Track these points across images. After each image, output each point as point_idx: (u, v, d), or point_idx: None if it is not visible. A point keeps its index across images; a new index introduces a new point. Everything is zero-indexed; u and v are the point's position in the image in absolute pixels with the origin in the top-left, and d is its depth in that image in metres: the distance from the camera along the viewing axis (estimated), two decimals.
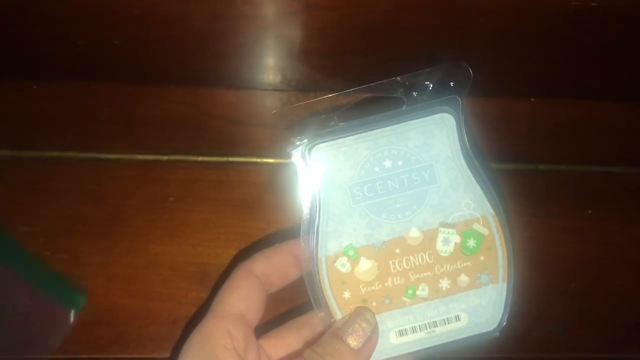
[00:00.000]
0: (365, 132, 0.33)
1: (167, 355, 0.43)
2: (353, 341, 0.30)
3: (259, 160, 0.48)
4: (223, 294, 0.34)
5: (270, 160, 0.48)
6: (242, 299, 0.33)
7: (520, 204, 0.50)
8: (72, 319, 0.43)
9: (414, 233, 0.32)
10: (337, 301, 0.32)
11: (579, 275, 0.48)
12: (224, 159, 0.48)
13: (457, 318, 0.32)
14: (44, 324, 0.42)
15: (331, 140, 0.33)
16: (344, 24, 0.42)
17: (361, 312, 0.32)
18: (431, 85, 0.33)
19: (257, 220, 0.47)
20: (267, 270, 0.34)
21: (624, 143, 0.52)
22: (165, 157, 0.48)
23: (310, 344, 0.34)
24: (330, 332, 0.31)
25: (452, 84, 0.32)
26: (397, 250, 0.32)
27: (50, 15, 0.41)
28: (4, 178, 0.47)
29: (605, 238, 0.49)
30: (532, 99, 0.53)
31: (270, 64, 0.49)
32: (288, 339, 0.35)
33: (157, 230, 0.46)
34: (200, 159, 0.48)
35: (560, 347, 0.47)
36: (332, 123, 0.33)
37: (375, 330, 0.31)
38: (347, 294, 0.32)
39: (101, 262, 0.45)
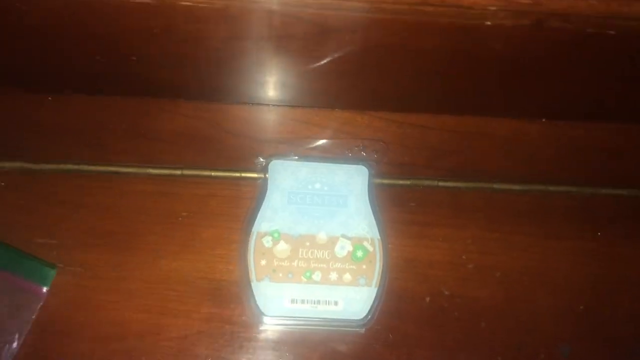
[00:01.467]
0: (310, 161, 0.48)
1: None
2: None
3: None
4: None
5: None
6: None
7: (530, 225, 0.50)
8: (44, 293, 0.44)
9: (322, 236, 0.45)
10: (255, 264, 0.44)
11: (587, 296, 0.48)
12: (238, 174, 0.49)
13: (336, 303, 0.44)
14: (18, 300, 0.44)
15: (284, 159, 0.48)
16: (360, 45, 0.42)
17: None
18: (363, 152, 0.51)
19: None
20: None
21: (633, 166, 0.53)
22: (179, 172, 0.48)
23: None
24: None
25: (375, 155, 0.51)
26: (307, 243, 0.45)
27: (71, 32, 0.41)
28: (20, 190, 0.47)
29: (614, 260, 0.50)
30: (543, 120, 0.53)
31: (283, 81, 0.50)
32: None
33: (170, 246, 0.46)
34: (214, 174, 0.49)
35: None
36: (292, 151, 0.50)
37: None
38: (263, 262, 0.44)
39: (114, 276, 0.46)
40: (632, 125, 0.54)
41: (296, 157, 0.48)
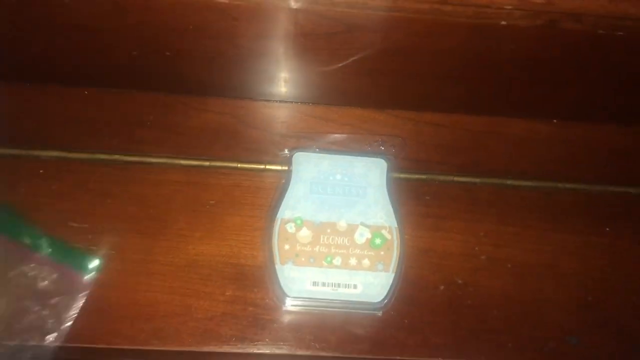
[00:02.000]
0: (331, 153, 0.51)
1: (204, 349, 0.45)
2: None
3: None
4: None
5: None
6: None
7: (540, 220, 0.52)
8: (86, 281, 0.47)
9: (342, 223, 0.48)
10: (279, 249, 0.46)
11: (595, 289, 0.50)
12: (262, 166, 0.51)
13: (355, 286, 0.46)
14: (64, 289, 0.46)
15: (307, 152, 0.51)
16: (381, 45, 0.45)
17: None
18: (382, 147, 0.53)
19: None
20: None
21: None
22: (207, 163, 0.51)
23: None
24: None
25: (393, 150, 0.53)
26: (328, 230, 0.47)
27: (110, 27, 0.44)
28: (56, 177, 0.50)
29: (621, 254, 0.52)
30: (555, 121, 0.56)
31: (306, 80, 0.52)
32: None
33: (197, 232, 0.49)
34: (239, 165, 0.51)
35: (575, 358, 0.48)
36: (314, 145, 0.53)
37: None
38: (286, 246, 0.47)
39: (143, 259, 0.48)
40: None
41: (318, 150, 0.50)
